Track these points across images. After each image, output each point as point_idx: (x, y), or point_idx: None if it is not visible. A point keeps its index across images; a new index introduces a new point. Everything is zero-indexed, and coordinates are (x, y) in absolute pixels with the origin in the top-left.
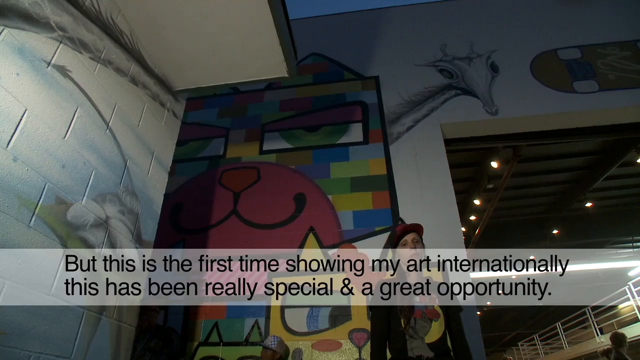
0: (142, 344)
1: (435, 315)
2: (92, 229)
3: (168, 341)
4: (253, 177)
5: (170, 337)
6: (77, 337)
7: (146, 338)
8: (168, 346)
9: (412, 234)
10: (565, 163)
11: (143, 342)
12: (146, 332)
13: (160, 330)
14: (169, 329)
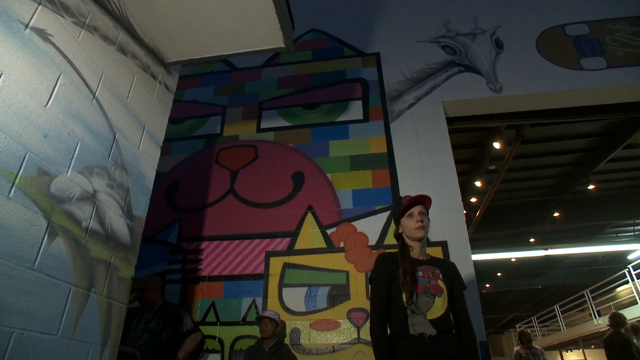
0: (142, 323)
1: (439, 291)
2: (79, 202)
3: (174, 320)
4: (250, 156)
5: (178, 316)
6: (64, 314)
7: (146, 318)
8: (172, 325)
9: (419, 206)
10: (568, 145)
11: (143, 322)
12: (147, 312)
13: (163, 309)
14: (173, 306)
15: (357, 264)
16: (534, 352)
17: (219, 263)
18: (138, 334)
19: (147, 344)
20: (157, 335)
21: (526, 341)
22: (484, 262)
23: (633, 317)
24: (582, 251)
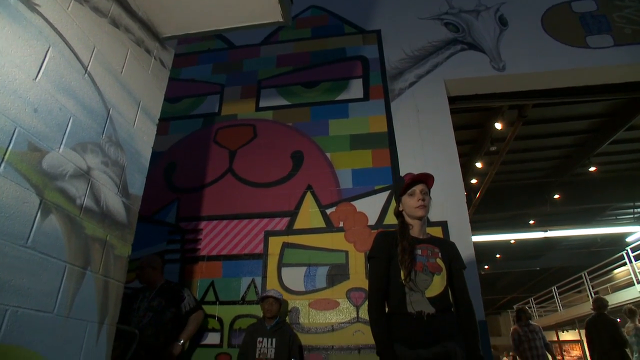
0: (145, 303)
1: (437, 269)
2: (72, 179)
3: (176, 299)
4: (249, 135)
5: (179, 295)
6: (60, 292)
7: (148, 298)
8: (175, 304)
9: (421, 185)
10: (570, 126)
11: (146, 301)
12: (149, 291)
13: (165, 288)
14: (175, 285)
15: (357, 244)
16: (532, 329)
17: (218, 243)
18: (141, 314)
19: (152, 323)
20: (160, 314)
21: (525, 319)
22: (483, 244)
23: (629, 299)
24: (581, 233)
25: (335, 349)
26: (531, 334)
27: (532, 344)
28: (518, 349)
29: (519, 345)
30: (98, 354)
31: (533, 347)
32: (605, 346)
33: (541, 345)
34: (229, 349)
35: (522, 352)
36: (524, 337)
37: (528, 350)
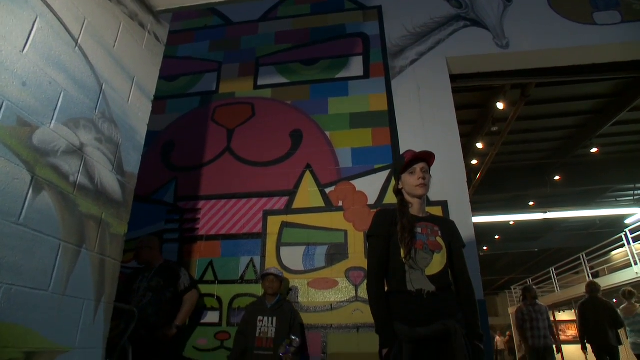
0: (145, 283)
1: (437, 247)
2: (65, 156)
3: (172, 278)
4: (247, 113)
5: (177, 273)
6: (55, 270)
7: (148, 278)
8: (173, 283)
9: (422, 163)
10: (574, 106)
11: (146, 281)
12: (149, 271)
13: (164, 268)
14: (173, 264)
15: (356, 223)
16: (538, 309)
17: (217, 222)
18: (141, 294)
19: (152, 303)
20: (159, 294)
21: (531, 298)
22: (482, 225)
23: (626, 280)
24: (580, 215)
25: (334, 327)
26: (535, 314)
27: (535, 324)
28: (521, 328)
29: (522, 324)
30: (95, 331)
31: (535, 327)
32: (603, 327)
33: (545, 326)
34: (228, 327)
35: (524, 331)
36: (527, 317)
37: (529, 330)
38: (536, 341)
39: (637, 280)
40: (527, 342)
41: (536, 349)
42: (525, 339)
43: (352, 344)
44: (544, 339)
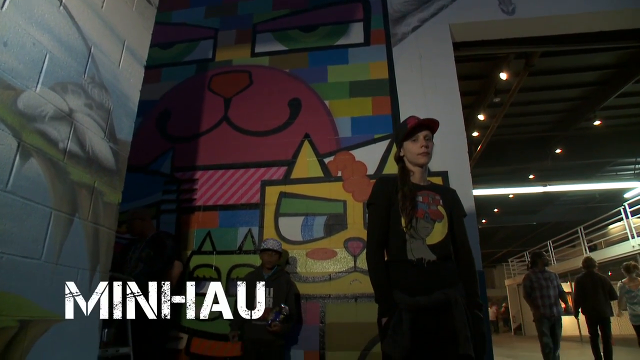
0: (137, 254)
1: (439, 216)
2: (53, 122)
3: (161, 248)
4: (245, 82)
5: (163, 243)
6: (47, 238)
7: (139, 249)
8: (161, 253)
9: (426, 130)
10: (578, 78)
11: (137, 253)
12: (140, 242)
13: (154, 237)
14: (163, 234)
15: (355, 194)
16: (547, 276)
17: (214, 193)
18: (133, 264)
19: (143, 273)
20: (150, 265)
21: (541, 265)
22: (481, 197)
23: (623, 253)
24: (580, 188)
25: (332, 297)
26: (545, 281)
27: (545, 292)
28: (530, 297)
29: (531, 292)
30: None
31: (545, 295)
32: (599, 300)
33: (555, 293)
34: (227, 297)
35: (534, 299)
36: (536, 284)
37: (539, 299)
38: (547, 310)
39: (633, 254)
40: (538, 310)
41: (547, 317)
42: (535, 307)
43: (350, 314)
44: (554, 307)
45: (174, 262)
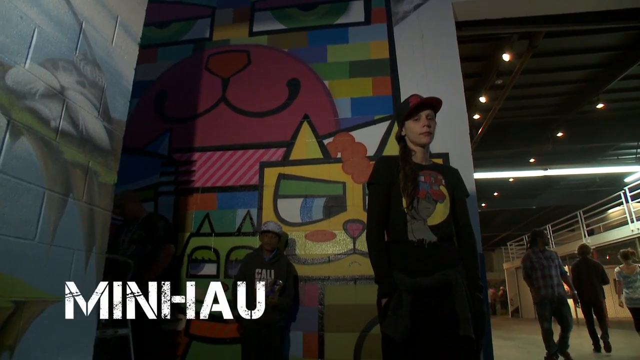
0: (129, 236)
1: (441, 197)
2: (44, 99)
3: (153, 230)
4: (243, 62)
5: (155, 225)
6: (40, 219)
7: (131, 231)
8: (153, 235)
9: (428, 110)
10: (582, 59)
11: (129, 235)
12: (132, 224)
13: (146, 220)
14: (155, 216)
15: (355, 175)
16: (548, 255)
17: (213, 174)
18: (126, 246)
19: (136, 255)
20: (142, 246)
21: (541, 244)
22: (482, 181)
23: (621, 237)
24: (581, 172)
25: (331, 279)
26: (546, 261)
27: (547, 272)
28: (530, 277)
29: (532, 272)
30: (88, 282)
31: (547, 276)
32: (594, 284)
33: (557, 273)
34: (226, 279)
35: (535, 280)
36: (537, 264)
37: (541, 279)
38: (549, 290)
39: (632, 238)
40: (539, 292)
41: (549, 299)
42: (536, 289)
43: (349, 296)
44: (557, 288)
45: (166, 244)
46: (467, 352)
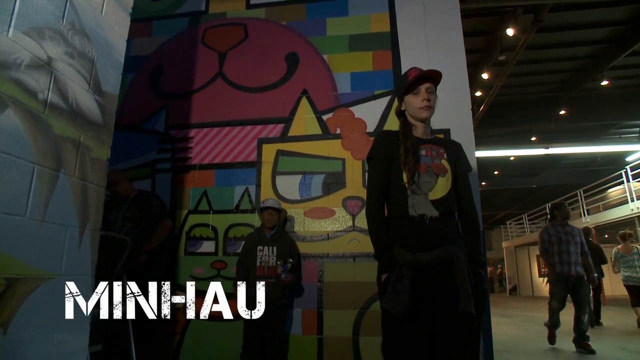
0: (122, 214)
1: (442, 171)
2: (30, 70)
3: (146, 207)
4: (240, 35)
5: (149, 203)
6: (30, 195)
7: (123, 209)
8: (147, 213)
9: (428, 83)
10: (588, 34)
11: (122, 213)
12: (124, 201)
13: (137, 198)
14: (146, 194)
15: (354, 152)
16: (569, 230)
17: (210, 151)
18: (120, 224)
19: (131, 232)
20: (137, 224)
21: (560, 217)
22: (482, 159)
23: (621, 216)
24: (582, 150)
25: (330, 257)
26: (565, 236)
27: (564, 247)
28: (547, 253)
29: (548, 247)
30: (82, 259)
31: (564, 252)
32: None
33: (576, 250)
34: (224, 256)
35: (551, 255)
36: (555, 239)
37: (557, 254)
38: (565, 268)
39: (632, 217)
40: (554, 269)
41: (565, 277)
42: (551, 265)
43: (348, 273)
44: (574, 266)
45: (161, 221)
46: (467, 328)
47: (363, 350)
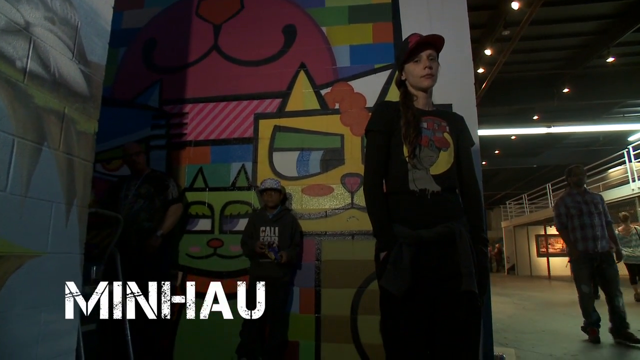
0: (133, 190)
1: (444, 145)
2: (5, 35)
3: (162, 187)
4: (235, 6)
5: (165, 183)
6: (10, 169)
7: (136, 185)
8: (162, 192)
9: (429, 50)
10: (595, 8)
11: (134, 189)
12: (136, 179)
13: (151, 176)
14: (163, 174)
15: (353, 127)
16: (590, 199)
17: (205, 127)
18: (131, 200)
19: (144, 208)
20: (150, 201)
21: (573, 184)
22: (483, 138)
23: (622, 196)
24: (584, 130)
25: (328, 234)
26: (586, 206)
27: (587, 220)
28: (565, 228)
29: (566, 221)
30: (70, 236)
31: (587, 225)
32: None
33: (601, 222)
34: (221, 234)
35: (571, 231)
36: (574, 211)
37: (579, 229)
38: (589, 244)
39: (632, 197)
40: (575, 247)
41: (590, 255)
42: (572, 243)
43: (346, 251)
44: (600, 242)
45: (177, 204)
46: (469, 308)
47: (361, 330)
